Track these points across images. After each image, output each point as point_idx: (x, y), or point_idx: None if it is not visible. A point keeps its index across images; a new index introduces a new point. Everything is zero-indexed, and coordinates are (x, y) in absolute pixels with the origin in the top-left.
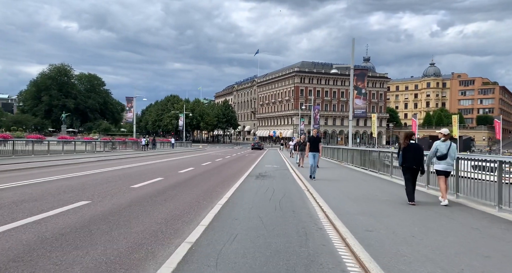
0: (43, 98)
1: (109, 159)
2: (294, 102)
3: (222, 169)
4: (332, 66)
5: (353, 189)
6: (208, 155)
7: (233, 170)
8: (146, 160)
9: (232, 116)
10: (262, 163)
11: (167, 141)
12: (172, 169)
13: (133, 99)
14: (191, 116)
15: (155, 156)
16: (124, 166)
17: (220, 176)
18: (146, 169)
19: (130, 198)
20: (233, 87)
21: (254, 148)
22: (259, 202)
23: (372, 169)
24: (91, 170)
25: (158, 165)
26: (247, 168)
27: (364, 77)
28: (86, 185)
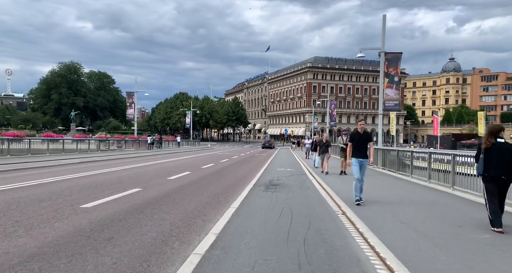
0: (52, 96)
1: (94, 161)
2: (306, 99)
3: (224, 174)
4: (346, 62)
5: (423, 218)
6: (213, 155)
7: (237, 176)
8: (138, 162)
9: (242, 114)
10: (273, 166)
11: (173, 140)
12: (161, 175)
13: (134, 94)
14: (200, 113)
15: (155, 156)
16: (97, 172)
17: (218, 185)
18: (126, 175)
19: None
20: (243, 84)
21: (265, 147)
22: (268, 245)
23: (417, 176)
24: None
25: (149, 168)
26: (255, 173)
27: (398, 62)
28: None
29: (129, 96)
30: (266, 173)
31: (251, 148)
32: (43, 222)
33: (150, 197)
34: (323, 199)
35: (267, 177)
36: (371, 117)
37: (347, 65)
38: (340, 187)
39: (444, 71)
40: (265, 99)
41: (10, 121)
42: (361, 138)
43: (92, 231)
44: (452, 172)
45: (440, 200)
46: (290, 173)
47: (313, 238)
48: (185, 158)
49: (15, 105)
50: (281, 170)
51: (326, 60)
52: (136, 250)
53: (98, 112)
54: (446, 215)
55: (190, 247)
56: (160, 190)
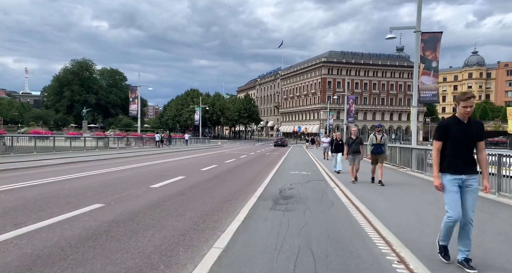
0: (65, 93)
1: (74, 162)
2: (320, 95)
3: (224, 179)
4: (362, 56)
5: None
6: (221, 154)
7: (239, 182)
8: (128, 163)
9: (254, 110)
10: (285, 168)
11: (181, 138)
12: (144, 182)
13: (137, 88)
14: (211, 110)
15: (156, 155)
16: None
17: (211, 198)
18: (89, 185)
19: None
20: (255, 81)
21: (277, 145)
22: None
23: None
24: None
25: (136, 172)
26: (263, 178)
27: (437, 43)
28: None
29: (132, 90)
30: (276, 178)
31: (263, 146)
32: None
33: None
34: (359, 228)
35: (277, 184)
36: (389, 113)
37: (364, 59)
38: (382, 207)
39: (466, 65)
40: (277, 95)
41: (23, 118)
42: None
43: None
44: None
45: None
46: (306, 178)
47: None
48: (187, 158)
49: (32, 103)
50: (295, 174)
51: (341, 55)
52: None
53: (110, 109)
54: None
55: None
56: (115, 213)
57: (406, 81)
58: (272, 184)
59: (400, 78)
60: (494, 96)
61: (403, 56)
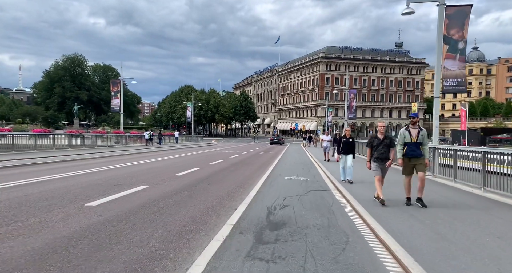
0: (55, 89)
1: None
2: (318, 92)
3: (199, 190)
4: (361, 51)
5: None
6: (209, 153)
7: (216, 195)
8: (89, 166)
9: (250, 107)
10: (279, 171)
11: (171, 135)
12: (81, 197)
13: (120, 82)
14: (205, 107)
15: (138, 154)
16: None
17: (165, 225)
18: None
19: None
20: (252, 77)
21: (273, 143)
22: None
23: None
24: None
25: (80, 180)
26: (249, 187)
27: (465, 19)
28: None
29: (114, 84)
30: (267, 187)
31: (259, 144)
32: None
33: None
34: None
35: (266, 198)
36: (388, 110)
37: (363, 55)
38: (438, 255)
39: (466, 61)
40: (274, 92)
41: (10, 115)
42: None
43: None
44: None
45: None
46: (305, 187)
47: None
48: (168, 159)
49: (26, 100)
50: (290, 181)
51: (340, 50)
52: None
53: (103, 106)
54: None
55: None
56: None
57: (406, 77)
58: (259, 197)
59: (400, 74)
60: (495, 93)
61: (403, 52)
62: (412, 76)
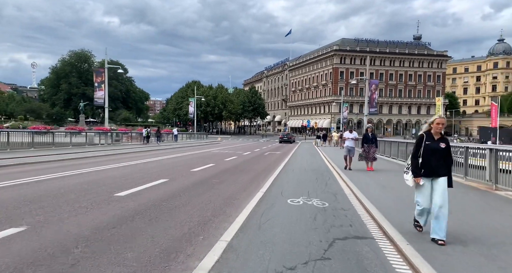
0: (62, 86)
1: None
2: (332, 87)
3: (132, 230)
4: (378, 43)
5: None
6: (204, 155)
7: (154, 247)
8: (42, 171)
9: (260, 104)
10: (281, 188)
11: (169, 132)
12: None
13: (104, 71)
14: (212, 103)
15: (120, 155)
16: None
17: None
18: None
19: None
20: (262, 73)
21: (283, 141)
22: None
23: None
24: None
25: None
26: (220, 229)
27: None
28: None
29: (98, 74)
30: (252, 228)
31: (267, 143)
32: None
33: None
34: None
35: (244, 266)
36: (407, 106)
37: (380, 47)
38: None
39: (491, 54)
40: (285, 88)
41: (15, 112)
42: None
43: None
44: None
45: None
46: (323, 225)
47: None
48: (137, 164)
49: (38, 97)
50: (297, 209)
51: (355, 42)
52: None
53: (110, 102)
54: None
55: None
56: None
57: (427, 71)
58: (227, 263)
59: (420, 68)
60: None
61: (423, 44)
62: (433, 70)
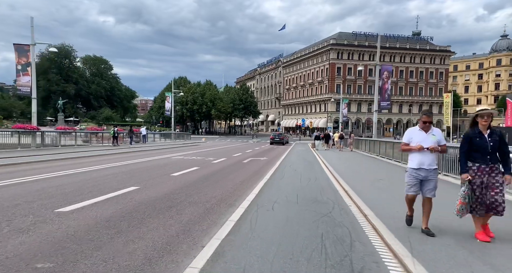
0: (40, 82)
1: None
2: (329, 84)
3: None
4: (377, 37)
5: None
6: (158, 164)
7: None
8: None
9: (252, 102)
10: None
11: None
12: None
13: (29, 49)
14: (200, 101)
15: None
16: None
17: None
18: None
19: None
20: (255, 70)
21: (274, 143)
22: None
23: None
24: None
25: None
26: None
27: None
28: None
29: (21, 52)
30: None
31: (257, 144)
32: None
33: None
34: None
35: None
36: (408, 105)
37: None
38: None
39: (494, 50)
40: (279, 86)
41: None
42: None
43: None
44: None
45: None
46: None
47: None
48: (38, 180)
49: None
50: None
51: (353, 36)
52: None
53: (92, 101)
54: None
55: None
56: None
57: (428, 68)
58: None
59: (421, 64)
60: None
61: (424, 39)
62: (436, 66)
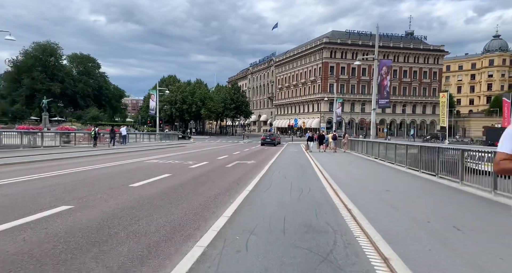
0: (23, 81)
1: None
2: (322, 83)
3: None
4: (371, 37)
5: None
6: (123, 170)
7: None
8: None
9: (243, 101)
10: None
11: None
12: None
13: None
14: (190, 100)
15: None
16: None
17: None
18: None
19: None
20: (247, 70)
21: (265, 143)
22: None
23: None
24: None
25: None
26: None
27: None
28: None
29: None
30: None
31: (247, 145)
32: None
33: None
34: None
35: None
36: (401, 105)
37: (372, 41)
38: None
39: (487, 51)
40: (271, 85)
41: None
42: None
43: None
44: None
45: None
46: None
47: None
48: None
49: None
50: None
51: (346, 35)
52: None
53: (79, 100)
54: None
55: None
56: None
57: (422, 67)
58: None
59: (415, 64)
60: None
61: (418, 38)
62: (429, 66)
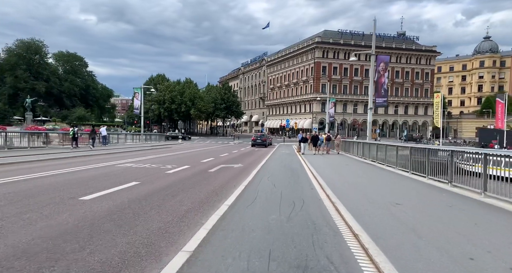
0: (6, 79)
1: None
2: (314, 84)
3: None
4: (364, 36)
5: None
6: (96, 173)
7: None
8: None
9: (234, 101)
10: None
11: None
12: None
13: None
14: (179, 100)
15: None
16: None
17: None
18: None
19: None
20: (239, 70)
21: (256, 145)
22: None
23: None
24: None
25: None
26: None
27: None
28: None
29: None
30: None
31: (237, 146)
32: None
33: None
34: None
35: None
36: (393, 106)
37: (365, 41)
38: None
39: (477, 52)
40: (263, 85)
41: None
42: None
43: None
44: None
45: None
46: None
47: None
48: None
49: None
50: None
51: (339, 34)
52: None
53: (65, 99)
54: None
55: None
56: None
57: (414, 68)
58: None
59: (407, 64)
60: (509, 88)
61: (410, 38)
62: (422, 67)
